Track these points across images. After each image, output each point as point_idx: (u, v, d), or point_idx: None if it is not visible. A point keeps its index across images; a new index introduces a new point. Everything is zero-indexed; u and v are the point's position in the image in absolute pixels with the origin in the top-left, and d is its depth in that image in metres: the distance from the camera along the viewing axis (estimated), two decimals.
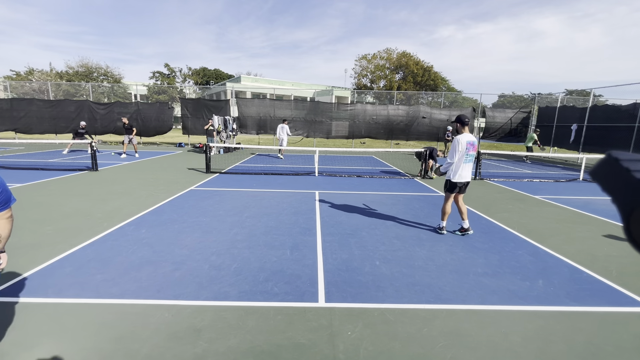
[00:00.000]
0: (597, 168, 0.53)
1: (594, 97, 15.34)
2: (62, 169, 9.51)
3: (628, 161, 0.49)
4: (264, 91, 41.20)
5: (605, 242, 4.71)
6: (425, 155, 9.73)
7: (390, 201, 6.74)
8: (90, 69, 37.81)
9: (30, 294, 2.92)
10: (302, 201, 6.50)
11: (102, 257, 3.70)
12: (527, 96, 31.34)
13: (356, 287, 3.21)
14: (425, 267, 3.70)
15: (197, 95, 45.19)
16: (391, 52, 44.21)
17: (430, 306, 2.91)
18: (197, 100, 19.03)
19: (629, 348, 2.44)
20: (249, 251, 3.98)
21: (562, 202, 7.09)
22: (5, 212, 2.03)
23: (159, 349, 2.29)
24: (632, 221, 0.47)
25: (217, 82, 53.15)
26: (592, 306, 2.99)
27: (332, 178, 9.35)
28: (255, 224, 4.99)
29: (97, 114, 18.15)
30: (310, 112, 18.75)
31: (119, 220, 5.03)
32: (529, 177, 10.51)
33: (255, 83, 47.29)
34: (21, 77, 35.82)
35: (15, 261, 3.55)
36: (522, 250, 4.29)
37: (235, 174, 9.46)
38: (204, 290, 3.06)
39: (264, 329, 2.53)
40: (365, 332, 2.53)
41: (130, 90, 37.66)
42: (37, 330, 2.44)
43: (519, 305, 2.96)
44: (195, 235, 4.48)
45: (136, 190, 7.07)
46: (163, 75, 49.70)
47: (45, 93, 27.40)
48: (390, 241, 4.47)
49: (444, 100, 33.53)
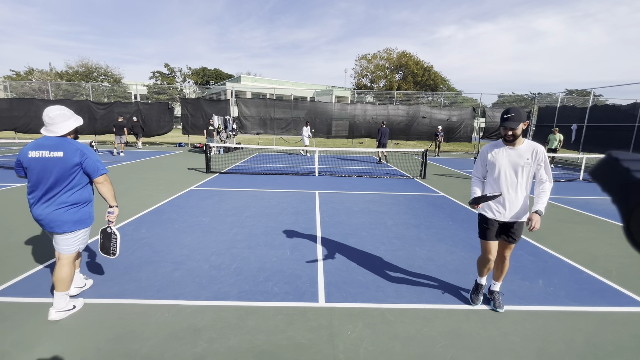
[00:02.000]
0: (597, 168, 0.53)
1: (594, 97, 15.34)
2: None
3: (628, 161, 0.49)
4: (264, 91, 41.19)
5: (605, 242, 4.71)
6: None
7: (390, 201, 6.74)
8: (90, 68, 37.81)
9: (30, 294, 2.91)
10: (302, 201, 6.50)
11: (102, 257, 3.70)
12: (527, 96, 31.34)
13: (356, 287, 3.21)
14: (425, 267, 3.70)
15: (197, 95, 45.19)
16: (391, 52, 44.23)
17: (430, 306, 2.91)
18: (197, 100, 19.04)
19: (629, 348, 2.44)
20: (249, 251, 3.98)
21: (562, 202, 7.09)
22: (97, 179, 2.60)
23: (158, 348, 2.29)
24: (632, 221, 0.47)
25: (217, 82, 53.15)
26: (592, 306, 2.98)
27: (332, 178, 9.35)
28: (255, 224, 4.99)
29: (97, 114, 18.16)
30: (310, 112, 18.76)
31: (118, 220, 5.02)
32: None
33: (255, 83, 47.29)
34: (21, 77, 35.82)
35: (15, 261, 3.55)
36: (522, 250, 4.29)
37: (235, 174, 9.46)
38: (204, 290, 3.06)
39: (264, 329, 2.53)
40: (365, 332, 2.53)
41: (130, 90, 37.66)
42: (37, 330, 2.44)
43: (519, 305, 2.96)
44: (195, 235, 4.48)
45: (136, 190, 7.07)
46: (163, 75, 49.70)
47: (45, 93, 27.40)
48: (390, 241, 4.46)
49: (444, 100, 33.51)
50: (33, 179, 2.47)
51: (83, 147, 2.56)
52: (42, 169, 2.44)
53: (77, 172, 2.52)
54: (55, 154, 2.45)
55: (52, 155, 2.45)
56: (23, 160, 2.48)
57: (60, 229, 2.52)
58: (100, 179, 2.61)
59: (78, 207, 2.58)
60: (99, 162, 2.61)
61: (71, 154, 2.48)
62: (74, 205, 2.55)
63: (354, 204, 6.42)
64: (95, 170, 2.57)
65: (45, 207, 2.48)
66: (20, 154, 2.49)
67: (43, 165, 2.44)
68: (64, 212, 2.51)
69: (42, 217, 2.49)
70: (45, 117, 2.48)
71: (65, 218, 2.51)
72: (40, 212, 2.48)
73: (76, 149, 2.51)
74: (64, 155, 2.46)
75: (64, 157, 2.46)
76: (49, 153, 2.45)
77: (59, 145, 2.48)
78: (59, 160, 2.45)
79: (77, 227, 2.58)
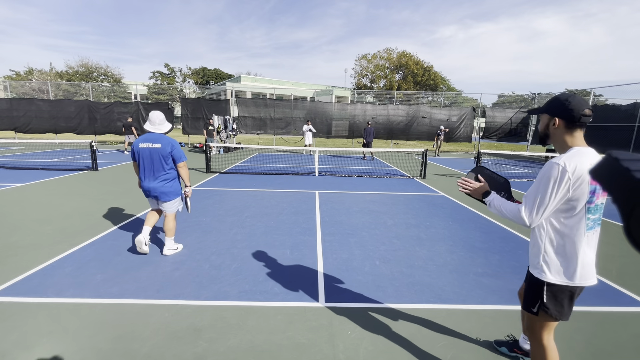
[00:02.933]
0: (597, 168, 0.54)
1: (594, 97, 15.34)
2: (62, 169, 9.50)
3: (628, 161, 0.49)
4: (264, 91, 41.18)
5: (606, 242, 4.71)
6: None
7: (390, 201, 6.74)
8: (90, 68, 37.79)
9: (30, 294, 2.91)
10: (302, 201, 6.50)
11: (102, 257, 3.70)
12: (527, 96, 31.34)
13: (356, 287, 3.21)
14: (425, 267, 3.70)
15: (197, 95, 45.18)
16: (391, 52, 44.23)
17: (430, 306, 2.91)
18: (197, 100, 19.03)
19: (628, 348, 2.44)
20: (249, 251, 3.98)
21: None
22: (180, 164, 3.65)
23: (158, 348, 2.29)
24: (632, 221, 0.47)
25: (217, 82, 53.14)
26: (592, 306, 2.98)
27: (332, 178, 9.35)
28: (255, 224, 4.99)
29: (97, 114, 18.15)
30: (310, 112, 18.76)
31: (119, 220, 5.03)
32: (529, 177, 10.51)
33: (255, 83, 47.27)
34: (21, 77, 35.81)
35: (15, 261, 3.55)
36: (522, 250, 4.29)
37: (235, 174, 9.46)
38: (203, 290, 3.06)
39: (264, 329, 2.53)
40: (365, 332, 2.53)
41: (130, 90, 37.65)
42: (37, 330, 2.44)
43: (519, 305, 2.95)
44: (195, 235, 4.48)
45: (136, 190, 7.07)
46: (163, 75, 49.68)
47: (45, 93, 27.40)
48: (390, 241, 4.46)
49: (444, 100, 33.51)
50: (142, 163, 3.57)
51: (173, 141, 3.62)
52: (148, 155, 3.54)
53: (169, 158, 3.58)
54: (155, 145, 3.53)
55: (154, 146, 3.53)
56: (136, 150, 3.58)
57: (163, 198, 3.66)
58: (182, 164, 3.66)
59: (172, 182, 3.67)
60: (182, 152, 3.68)
61: (166, 145, 3.55)
62: (169, 180, 3.64)
63: (354, 203, 6.42)
64: (179, 157, 3.64)
65: (151, 182, 3.60)
66: (134, 145, 3.59)
67: (149, 153, 3.54)
68: (164, 186, 3.61)
69: (150, 189, 3.61)
70: (154, 118, 3.60)
71: (166, 190, 3.63)
72: (148, 185, 3.61)
73: (168, 142, 3.57)
74: (161, 147, 3.54)
75: (161, 148, 3.54)
76: (152, 145, 3.54)
77: (158, 139, 3.56)
78: (158, 149, 3.53)
79: (174, 196, 3.71)
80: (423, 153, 9.91)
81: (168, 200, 3.68)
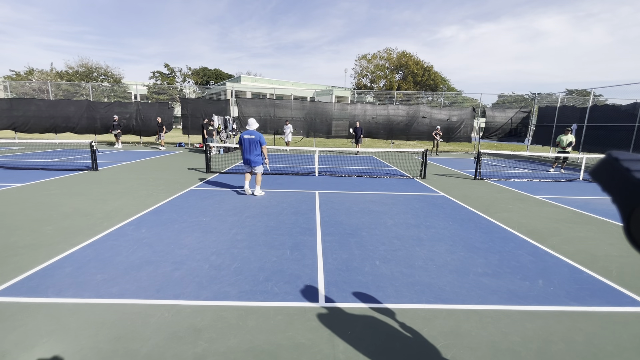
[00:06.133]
0: (597, 168, 0.53)
1: (594, 97, 15.34)
2: (62, 169, 9.50)
3: (628, 161, 0.49)
4: (264, 91, 41.20)
5: (605, 242, 4.71)
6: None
7: (390, 201, 6.74)
8: (90, 68, 37.82)
9: (30, 294, 2.91)
10: (302, 201, 6.50)
11: (102, 257, 3.70)
12: (527, 96, 31.35)
13: (356, 287, 3.21)
14: (425, 267, 3.70)
15: (197, 95, 45.19)
16: (391, 52, 44.24)
17: (430, 306, 2.91)
18: (197, 100, 19.02)
19: (629, 348, 2.44)
20: (249, 251, 3.98)
21: (562, 202, 7.09)
22: (263, 147, 6.71)
23: (159, 348, 2.29)
24: (632, 221, 0.47)
25: (217, 82, 53.14)
26: (592, 306, 2.98)
27: (332, 178, 9.35)
28: (255, 224, 4.99)
29: (97, 114, 18.14)
30: (310, 112, 18.76)
31: (119, 220, 5.03)
32: (529, 177, 10.51)
33: (255, 83, 47.29)
34: (21, 77, 35.82)
35: (15, 261, 3.55)
36: (522, 250, 4.29)
37: (235, 174, 9.46)
38: (204, 290, 3.06)
39: (264, 329, 2.53)
40: (365, 332, 2.53)
41: (130, 90, 37.66)
42: (37, 330, 2.44)
43: (519, 305, 2.96)
44: (195, 235, 4.48)
45: (136, 190, 7.07)
46: (163, 75, 49.69)
47: (45, 93, 27.41)
48: (390, 241, 4.47)
49: (444, 100, 33.51)
50: (245, 146, 6.61)
51: (260, 135, 6.65)
52: (248, 142, 6.59)
53: (258, 144, 6.62)
54: (252, 137, 6.59)
55: (251, 137, 6.59)
56: (242, 138, 6.60)
57: (255, 164, 6.70)
58: (264, 147, 6.68)
59: (260, 156, 6.71)
60: (264, 140, 6.69)
61: (257, 137, 6.61)
62: (259, 155, 6.68)
63: (353, 203, 6.42)
64: (263, 143, 6.66)
65: (249, 155, 6.62)
66: (241, 137, 6.61)
67: (248, 141, 6.58)
68: (255, 158, 6.64)
69: (249, 159, 6.62)
70: (251, 122, 6.69)
71: (258, 160, 6.68)
72: (247, 157, 6.62)
73: (259, 135, 6.64)
74: (254, 138, 6.59)
75: (254, 138, 6.59)
76: (251, 136, 6.59)
77: (253, 133, 6.61)
78: (253, 139, 6.60)
79: (260, 162, 6.75)
80: (423, 153, 9.91)
81: (257, 165, 6.69)
